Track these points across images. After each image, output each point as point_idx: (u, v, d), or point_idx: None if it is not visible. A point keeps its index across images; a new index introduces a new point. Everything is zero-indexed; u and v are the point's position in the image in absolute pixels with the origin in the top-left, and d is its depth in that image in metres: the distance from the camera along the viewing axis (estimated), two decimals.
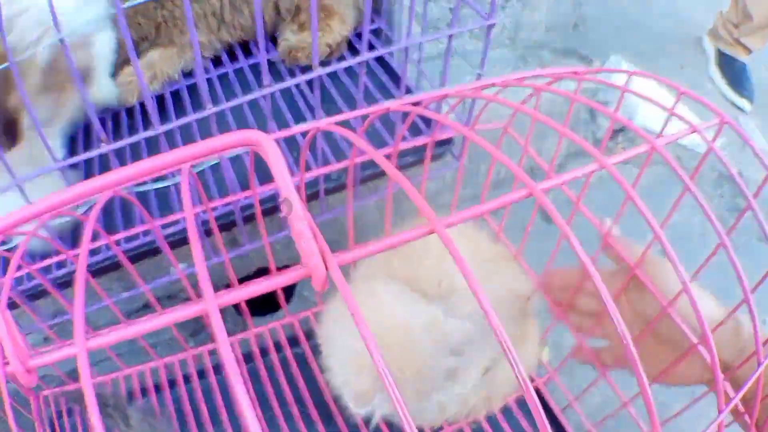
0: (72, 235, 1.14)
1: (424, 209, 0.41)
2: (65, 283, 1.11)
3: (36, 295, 1.13)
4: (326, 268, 0.34)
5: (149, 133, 0.90)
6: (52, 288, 0.88)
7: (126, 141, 0.91)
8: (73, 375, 1.11)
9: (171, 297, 1.48)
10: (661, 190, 1.99)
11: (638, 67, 2.54)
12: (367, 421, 0.95)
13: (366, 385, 0.86)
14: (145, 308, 1.39)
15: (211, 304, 0.33)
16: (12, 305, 1.02)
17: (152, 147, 1.21)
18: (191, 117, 0.92)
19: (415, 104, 0.71)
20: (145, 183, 1.13)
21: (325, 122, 0.64)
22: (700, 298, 0.73)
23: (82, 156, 0.92)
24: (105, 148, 0.89)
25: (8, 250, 1.05)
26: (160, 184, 1.15)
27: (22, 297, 1.00)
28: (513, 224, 1.10)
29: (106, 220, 1.17)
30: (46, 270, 1.10)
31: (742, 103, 2.61)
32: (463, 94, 0.75)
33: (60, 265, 1.12)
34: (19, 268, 0.98)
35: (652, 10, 3.11)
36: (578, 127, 1.98)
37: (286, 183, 0.34)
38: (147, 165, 0.38)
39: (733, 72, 2.70)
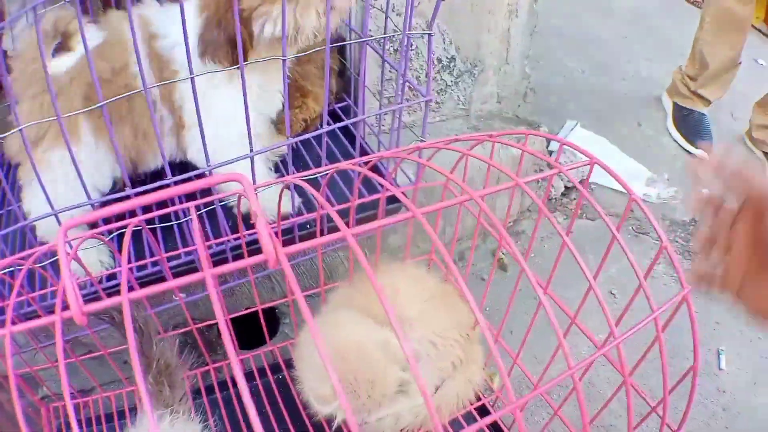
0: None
1: (338, 222, 0.59)
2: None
3: None
4: (276, 255, 0.54)
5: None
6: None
7: None
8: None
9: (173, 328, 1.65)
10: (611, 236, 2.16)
11: (594, 128, 2.72)
12: (329, 422, 1.10)
13: (327, 390, 1.03)
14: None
15: (207, 273, 0.53)
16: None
17: None
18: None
19: (366, 164, 0.90)
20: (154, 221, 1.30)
21: (293, 177, 0.84)
22: None
23: None
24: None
25: None
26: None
27: None
28: (471, 273, 1.21)
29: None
30: None
31: (697, 152, 2.68)
32: (399, 156, 0.95)
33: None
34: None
35: (611, 74, 3.27)
36: (530, 185, 2.12)
37: (255, 201, 0.55)
38: (167, 192, 0.58)
39: (690, 124, 2.78)
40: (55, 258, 1.24)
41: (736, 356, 1.87)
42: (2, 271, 0.99)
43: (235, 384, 1.33)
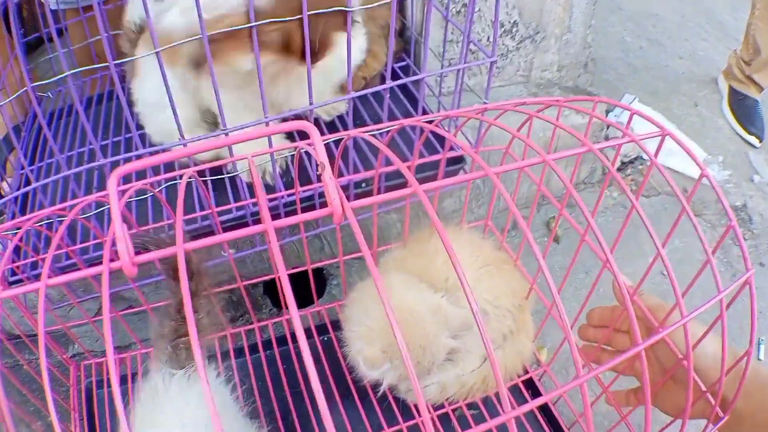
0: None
1: (408, 175, 0.56)
2: None
3: None
4: (342, 209, 0.52)
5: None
6: None
7: None
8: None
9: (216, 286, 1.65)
10: (667, 218, 2.13)
11: (651, 105, 2.69)
12: (375, 388, 1.10)
13: (376, 353, 1.01)
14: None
15: (269, 226, 0.51)
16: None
17: None
18: (255, 122, 1.08)
19: (429, 122, 0.87)
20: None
21: (356, 131, 0.81)
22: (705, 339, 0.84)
23: None
24: None
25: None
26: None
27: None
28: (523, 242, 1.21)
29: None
30: None
31: (751, 139, 2.67)
32: (465, 115, 0.92)
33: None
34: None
35: (668, 52, 3.22)
36: (586, 158, 2.11)
37: (322, 152, 0.52)
38: (223, 141, 0.56)
39: (744, 109, 2.76)
40: (100, 209, 1.24)
41: None
42: (39, 223, 0.97)
43: (279, 344, 1.32)
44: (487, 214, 1.29)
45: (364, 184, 1.30)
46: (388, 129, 0.89)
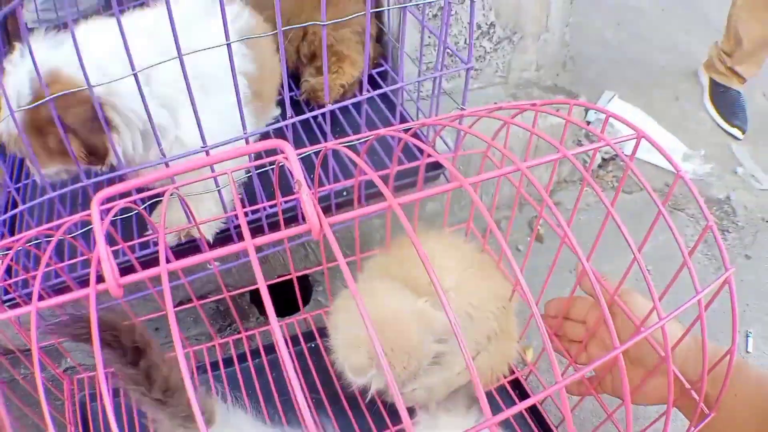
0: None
1: (384, 190, 0.57)
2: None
3: None
4: (320, 225, 0.53)
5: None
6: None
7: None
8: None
9: (201, 298, 1.65)
10: (650, 214, 2.13)
11: (631, 100, 2.70)
12: (363, 393, 1.11)
13: (362, 360, 1.01)
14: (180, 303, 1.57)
15: (249, 244, 0.51)
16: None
17: None
18: (233, 138, 1.09)
19: (407, 131, 0.88)
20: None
21: (333, 143, 0.81)
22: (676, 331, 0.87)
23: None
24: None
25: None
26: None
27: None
28: (508, 243, 1.22)
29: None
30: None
31: (734, 131, 2.68)
32: (441, 123, 0.92)
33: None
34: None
35: (649, 45, 3.23)
36: (566, 161, 2.10)
37: (298, 171, 0.53)
38: (203, 160, 0.57)
39: (726, 101, 2.77)
40: (86, 228, 1.24)
41: (763, 339, 1.84)
42: (28, 243, 0.97)
43: (267, 352, 1.32)
44: (469, 216, 1.30)
45: (345, 193, 1.31)
46: (366, 139, 0.89)
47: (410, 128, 0.90)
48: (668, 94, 2.88)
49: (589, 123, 2.31)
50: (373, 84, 1.60)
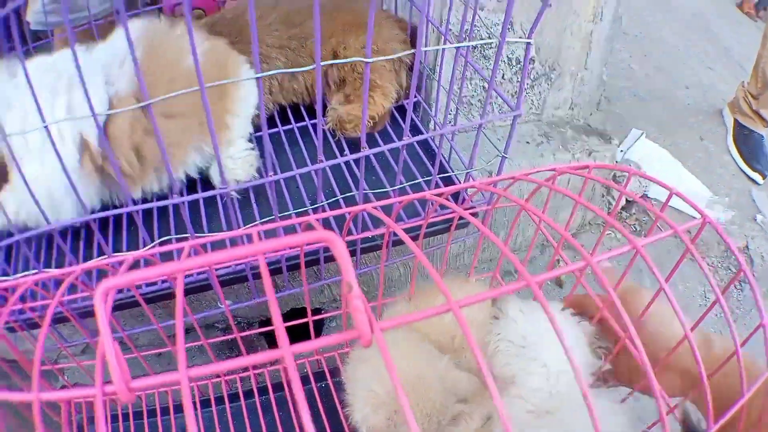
0: None
1: (443, 290, 0.52)
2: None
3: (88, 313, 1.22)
4: (371, 331, 0.47)
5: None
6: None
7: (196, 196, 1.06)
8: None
9: (208, 326, 1.60)
10: (669, 260, 2.09)
11: (658, 140, 2.65)
12: None
13: (381, 421, 0.96)
14: (185, 331, 1.52)
15: (287, 352, 0.45)
16: (62, 319, 1.15)
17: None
18: (261, 181, 1.05)
19: (440, 194, 0.84)
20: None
21: (371, 206, 0.77)
22: (671, 317, 0.84)
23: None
24: (177, 199, 1.01)
25: None
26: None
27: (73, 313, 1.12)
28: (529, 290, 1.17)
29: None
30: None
31: (755, 175, 2.63)
32: (481, 188, 0.88)
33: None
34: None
35: (674, 81, 3.18)
36: (594, 200, 2.07)
37: (349, 271, 0.47)
38: (237, 252, 0.51)
39: (749, 144, 2.72)
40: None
41: None
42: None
43: (275, 390, 1.27)
44: (496, 263, 1.25)
45: (371, 237, 1.25)
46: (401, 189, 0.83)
47: (443, 193, 0.87)
48: (693, 134, 2.84)
49: (616, 162, 2.27)
50: (404, 115, 1.54)
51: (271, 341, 1.72)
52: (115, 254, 0.93)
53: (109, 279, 0.48)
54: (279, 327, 0.48)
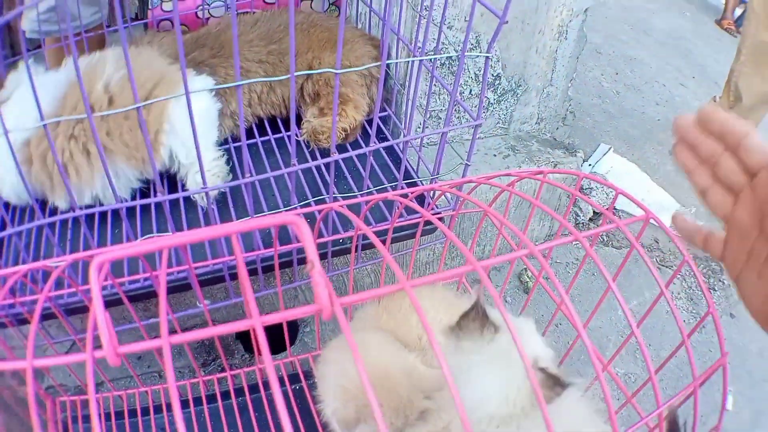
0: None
1: (397, 273, 0.57)
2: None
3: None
4: (332, 305, 0.52)
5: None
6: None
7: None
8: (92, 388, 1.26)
9: (185, 330, 1.63)
10: (637, 269, 2.15)
11: (626, 154, 2.72)
12: None
13: (350, 413, 1.01)
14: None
15: (257, 322, 0.51)
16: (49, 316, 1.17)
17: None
18: (237, 182, 1.11)
19: (405, 196, 0.89)
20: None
21: (337, 204, 0.82)
22: None
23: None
24: (160, 197, 1.07)
25: None
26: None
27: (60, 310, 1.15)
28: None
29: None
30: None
31: None
32: (442, 190, 0.93)
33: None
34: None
35: (645, 98, 3.26)
36: (561, 211, 2.12)
37: (312, 250, 0.52)
38: (215, 231, 0.56)
39: None
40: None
41: (744, 398, 1.86)
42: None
43: (252, 391, 1.31)
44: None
45: (341, 241, 1.30)
46: (368, 193, 0.89)
47: (412, 193, 0.91)
48: (662, 149, 2.91)
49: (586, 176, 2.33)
50: (378, 133, 1.60)
51: (247, 347, 1.76)
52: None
53: (104, 252, 0.54)
54: (251, 300, 0.54)
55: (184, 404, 1.29)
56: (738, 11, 4.72)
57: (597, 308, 0.97)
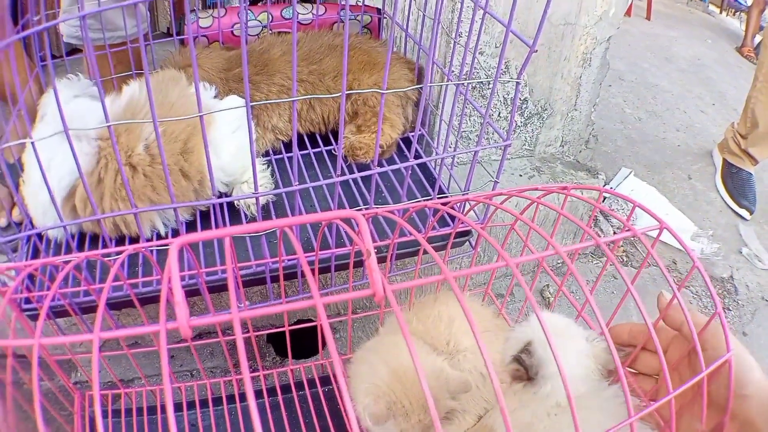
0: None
1: (441, 265, 0.64)
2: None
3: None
4: (384, 291, 0.59)
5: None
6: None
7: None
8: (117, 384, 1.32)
9: (210, 333, 1.70)
10: (655, 289, 2.19)
11: (646, 178, 2.78)
12: None
13: (381, 409, 1.06)
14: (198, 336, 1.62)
15: (318, 301, 0.57)
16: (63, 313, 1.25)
17: None
18: (288, 189, 1.19)
19: (444, 204, 0.95)
20: None
21: (382, 210, 0.89)
22: (751, 368, 0.82)
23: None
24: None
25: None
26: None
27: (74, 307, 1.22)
28: (517, 309, 1.22)
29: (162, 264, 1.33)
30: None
31: (742, 212, 2.72)
32: (477, 200, 0.99)
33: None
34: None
35: (666, 124, 3.32)
36: (580, 232, 2.17)
37: (368, 241, 0.59)
38: (268, 224, 0.63)
39: (737, 182, 2.81)
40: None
41: None
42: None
43: (284, 391, 1.38)
44: (487, 281, 1.36)
45: (377, 250, 1.37)
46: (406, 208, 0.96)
47: (448, 202, 0.98)
48: (681, 174, 2.96)
49: (604, 199, 2.39)
50: (409, 146, 1.69)
51: (278, 350, 1.83)
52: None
53: (185, 235, 0.61)
54: (313, 285, 0.60)
55: (217, 402, 1.35)
56: (758, 38, 4.79)
57: (614, 314, 1.02)
